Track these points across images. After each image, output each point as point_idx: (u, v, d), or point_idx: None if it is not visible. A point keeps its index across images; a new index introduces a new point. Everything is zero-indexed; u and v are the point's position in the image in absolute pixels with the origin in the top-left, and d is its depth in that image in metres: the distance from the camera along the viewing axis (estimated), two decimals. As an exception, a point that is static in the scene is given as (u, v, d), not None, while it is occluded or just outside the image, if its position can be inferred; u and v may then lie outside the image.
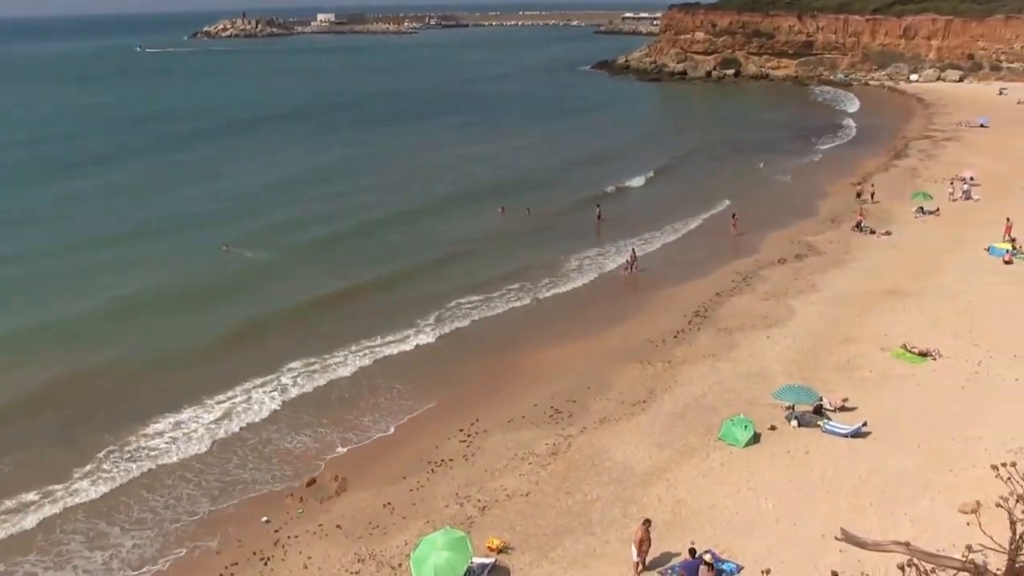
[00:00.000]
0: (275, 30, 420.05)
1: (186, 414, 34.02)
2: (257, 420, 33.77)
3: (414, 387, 36.37)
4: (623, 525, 25.09)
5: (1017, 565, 4.34)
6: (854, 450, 29.24)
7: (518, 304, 46.70)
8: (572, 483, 27.93)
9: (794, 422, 31.04)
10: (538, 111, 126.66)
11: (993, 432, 29.41)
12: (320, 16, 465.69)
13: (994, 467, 4.69)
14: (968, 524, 4.43)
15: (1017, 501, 4.52)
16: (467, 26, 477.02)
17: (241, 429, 33.09)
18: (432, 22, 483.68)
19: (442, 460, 29.98)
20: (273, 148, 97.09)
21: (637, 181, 77.72)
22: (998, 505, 4.60)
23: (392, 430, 32.92)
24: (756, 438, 29.97)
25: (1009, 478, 4.51)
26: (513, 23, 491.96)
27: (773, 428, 30.79)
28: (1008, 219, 53.68)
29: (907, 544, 5.67)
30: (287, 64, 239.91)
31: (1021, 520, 4.50)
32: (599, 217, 63.46)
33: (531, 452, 30.05)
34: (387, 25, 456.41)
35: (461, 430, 32.03)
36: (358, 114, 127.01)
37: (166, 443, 31.92)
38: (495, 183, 75.11)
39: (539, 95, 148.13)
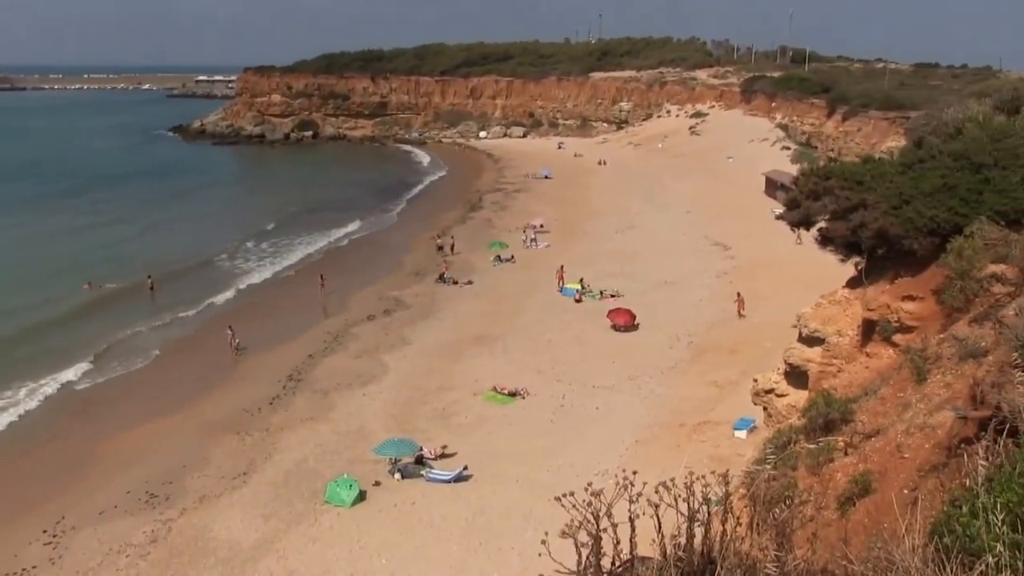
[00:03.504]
0: None
1: None
2: None
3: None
4: (234, 606, 24.03)
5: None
6: (458, 494, 30.25)
7: (84, 383, 43.42)
8: (176, 570, 26.41)
9: (398, 475, 31.53)
10: (110, 180, 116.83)
11: (581, 458, 31.81)
12: None
13: (557, 499, 4.92)
14: (545, 553, 4.60)
15: (580, 527, 4.80)
16: (25, 89, 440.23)
17: None
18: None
19: (23, 569, 26.98)
20: None
21: (211, 247, 74.04)
22: (563, 534, 4.81)
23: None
24: (362, 496, 30.07)
25: (574, 506, 4.77)
26: (78, 87, 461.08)
27: (378, 484, 31.07)
28: (561, 266, 58.91)
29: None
30: None
31: (584, 544, 4.78)
32: (151, 288, 60.10)
33: (128, 543, 28.02)
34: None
35: (45, 531, 29.05)
36: None
37: None
38: (68, 260, 68.34)
39: (113, 163, 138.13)
